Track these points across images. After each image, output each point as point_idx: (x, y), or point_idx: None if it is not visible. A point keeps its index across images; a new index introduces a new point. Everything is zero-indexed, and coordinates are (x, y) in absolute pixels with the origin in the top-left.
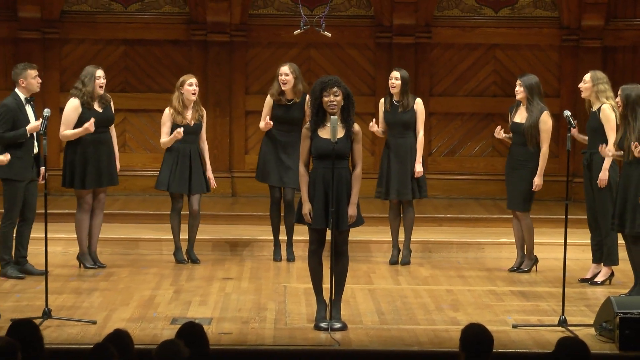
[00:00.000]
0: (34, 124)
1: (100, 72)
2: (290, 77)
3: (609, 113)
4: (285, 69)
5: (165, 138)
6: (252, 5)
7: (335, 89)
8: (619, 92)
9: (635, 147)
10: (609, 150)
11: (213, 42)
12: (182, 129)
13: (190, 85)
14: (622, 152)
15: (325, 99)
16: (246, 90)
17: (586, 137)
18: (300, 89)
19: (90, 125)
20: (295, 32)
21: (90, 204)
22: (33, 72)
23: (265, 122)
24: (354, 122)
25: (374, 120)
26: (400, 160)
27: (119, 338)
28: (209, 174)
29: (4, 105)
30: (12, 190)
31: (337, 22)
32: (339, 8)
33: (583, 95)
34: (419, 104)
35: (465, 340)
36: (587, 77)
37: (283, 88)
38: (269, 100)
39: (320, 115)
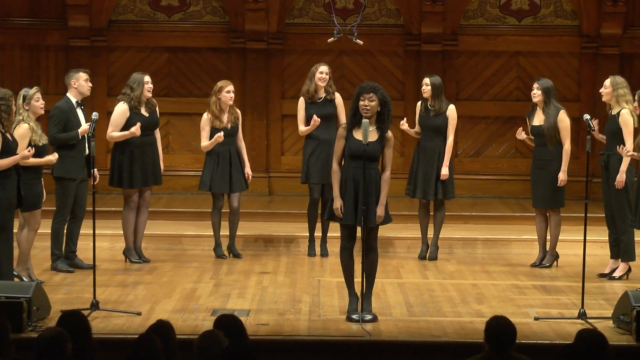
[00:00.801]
0: (84, 126)
1: (147, 78)
2: (328, 76)
3: (627, 118)
4: (325, 68)
5: (205, 142)
6: (288, 15)
7: (371, 95)
8: (636, 97)
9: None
10: (627, 151)
11: (251, 50)
12: (222, 132)
13: (228, 92)
14: (636, 153)
15: (361, 102)
16: (282, 95)
17: (604, 137)
18: (334, 88)
19: (136, 129)
20: (329, 40)
21: (137, 202)
22: (84, 75)
23: (312, 125)
24: (389, 128)
25: (405, 119)
26: (427, 162)
27: (162, 328)
28: (247, 170)
29: (56, 108)
30: (64, 188)
31: (368, 30)
32: (371, 17)
33: (604, 99)
34: (451, 110)
35: (489, 332)
36: (607, 82)
37: (321, 85)
38: (301, 102)
39: (357, 117)
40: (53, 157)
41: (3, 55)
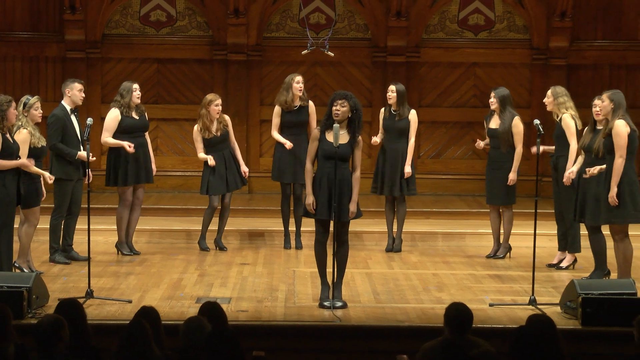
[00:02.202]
0: (82, 153)
1: (136, 85)
2: (303, 86)
3: (568, 122)
4: (300, 78)
5: (200, 154)
6: (266, 29)
7: (343, 101)
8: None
9: (589, 171)
10: (569, 177)
11: (232, 61)
12: (212, 159)
13: (217, 105)
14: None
15: (333, 107)
16: (261, 102)
17: (552, 147)
18: (306, 95)
19: (130, 148)
20: (303, 52)
21: (130, 200)
22: (79, 86)
23: (288, 145)
24: (359, 133)
25: (373, 137)
26: (392, 162)
27: (149, 314)
28: (244, 168)
29: (53, 115)
30: (62, 188)
31: (339, 43)
32: (341, 31)
33: (548, 108)
34: (413, 115)
35: (449, 317)
36: (549, 92)
37: (298, 94)
38: (277, 110)
39: (330, 121)
40: (49, 180)
41: (5, 66)
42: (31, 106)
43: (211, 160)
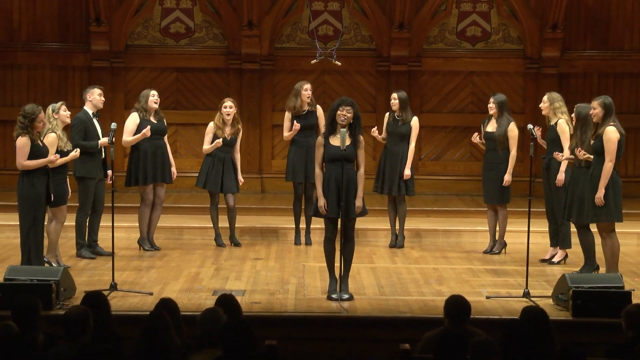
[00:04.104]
0: (103, 139)
1: (153, 92)
2: (311, 92)
3: (564, 127)
4: (308, 85)
5: (206, 146)
6: (277, 40)
7: (349, 107)
8: (574, 113)
9: (579, 151)
10: (562, 156)
11: (246, 70)
12: (221, 139)
13: (225, 107)
14: (573, 156)
15: (339, 112)
16: (273, 108)
17: (544, 141)
18: (314, 101)
19: (147, 130)
20: (312, 62)
21: (151, 199)
22: (98, 91)
23: (293, 129)
24: (360, 134)
25: (376, 127)
26: (393, 164)
27: (168, 305)
28: (240, 177)
29: (77, 118)
30: (85, 187)
31: (345, 53)
32: (348, 42)
33: (543, 112)
34: (414, 121)
35: (448, 308)
36: (545, 98)
37: (307, 100)
38: (288, 115)
39: (334, 126)
40: (75, 153)
41: (36, 74)
42: (59, 109)
43: (219, 142)
